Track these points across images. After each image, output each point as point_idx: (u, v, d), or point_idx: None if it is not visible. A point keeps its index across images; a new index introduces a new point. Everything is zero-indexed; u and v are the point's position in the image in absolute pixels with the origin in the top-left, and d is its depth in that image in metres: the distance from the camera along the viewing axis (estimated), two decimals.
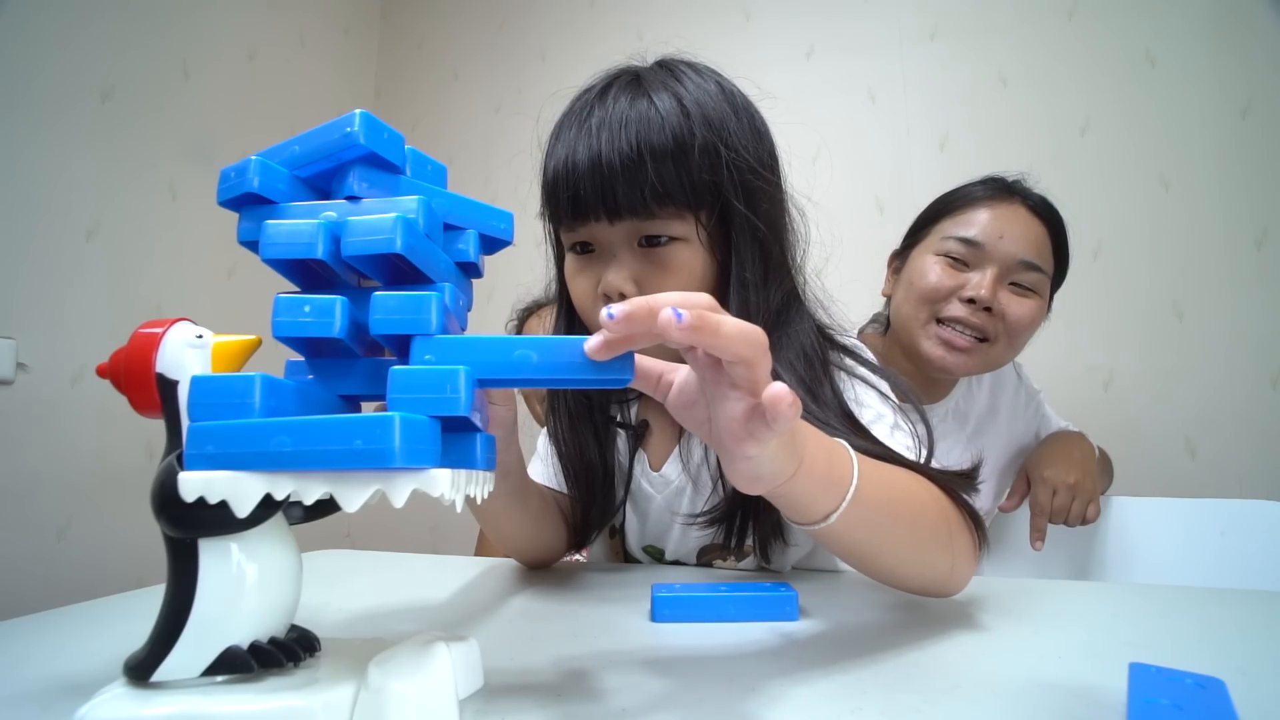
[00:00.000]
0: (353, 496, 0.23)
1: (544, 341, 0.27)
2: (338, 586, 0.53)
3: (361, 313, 0.27)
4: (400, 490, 0.23)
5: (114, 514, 1.12)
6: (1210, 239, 1.21)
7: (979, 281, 0.76)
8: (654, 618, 0.42)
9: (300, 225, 0.28)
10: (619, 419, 0.60)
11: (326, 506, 0.27)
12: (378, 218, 0.27)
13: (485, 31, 1.74)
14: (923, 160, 1.37)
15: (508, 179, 1.65)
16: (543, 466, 0.64)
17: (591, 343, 0.27)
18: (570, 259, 0.52)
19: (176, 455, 0.26)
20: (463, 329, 0.32)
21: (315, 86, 1.61)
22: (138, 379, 0.28)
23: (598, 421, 0.58)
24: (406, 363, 0.27)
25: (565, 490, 0.60)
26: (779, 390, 0.25)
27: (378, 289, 0.28)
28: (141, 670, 0.26)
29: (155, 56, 1.24)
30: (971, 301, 0.77)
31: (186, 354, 0.28)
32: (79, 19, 1.12)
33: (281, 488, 0.23)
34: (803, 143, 1.51)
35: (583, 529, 0.59)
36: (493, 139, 1.68)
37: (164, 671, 0.26)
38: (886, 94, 1.41)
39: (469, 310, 0.33)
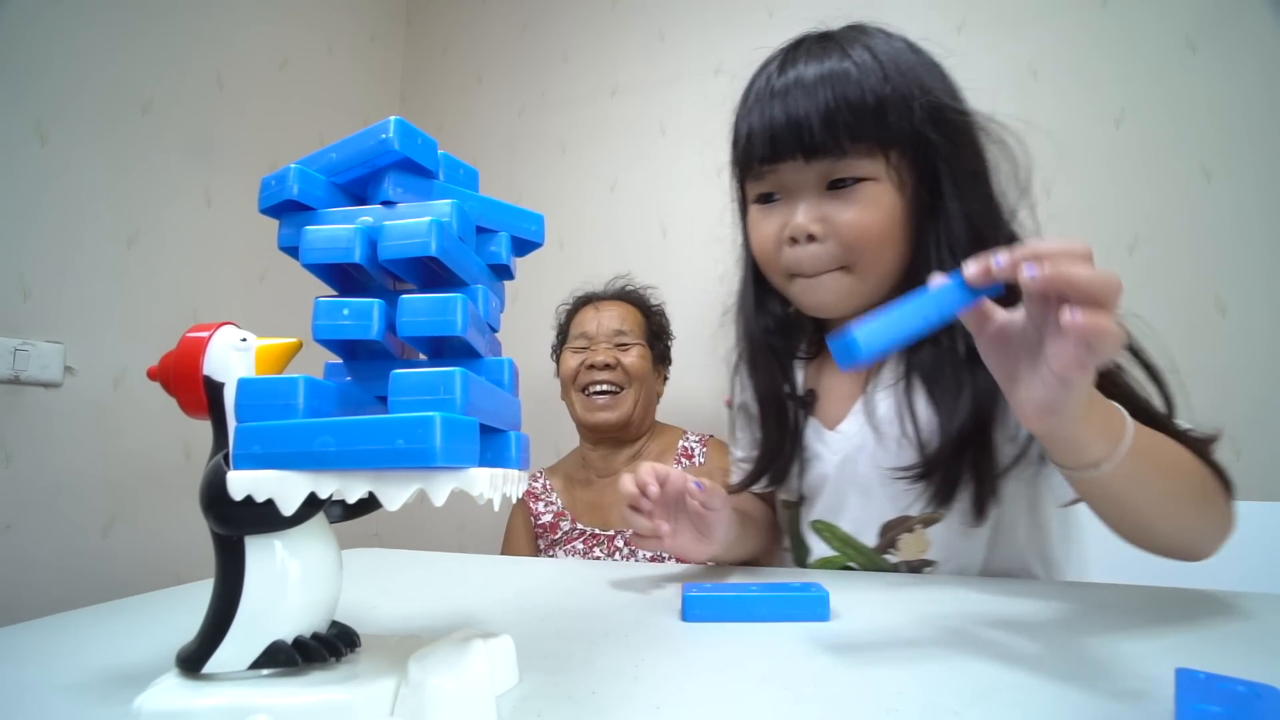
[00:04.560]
0: (394, 495, 0.24)
1: (939, 295, 0.34)
2: (372, 584, 0.54)
3: (395, 315, 0.28)
4: (440, 489, 0.24)
5: (154, 512, 1.15)
6: (1255, 230, 1.16)
7: None
8: (685, 617, 0.42)
9: (338, 231, 0.28)
10: (788, 393, 0.60)
11: (366, 505, 0.28)
12: (412, 222, 0.28)
13: (508, 35, 1.75)
14: None
15: (531, 180, 1.67)
16: (738, 473, 0.66)
17: (972, 271, 0.32)
18: (754, 210, 0.54)
19: (224, 455, 0.27)
20: (495, 330, 0.33)
21: (343, 92, 1.64)
22: (186, 381, 0.29)
23: (781, 359, 0.59)
24: (439, 364, 0.27)
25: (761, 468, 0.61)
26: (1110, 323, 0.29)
27: (412, 292, 0.29)
28: (192, 662, 0.27)
29: (191, 69, 1.28)
30: None
31: (232, 357, 0.29)
32: (121, 35, 1.16)
33: (325, 486, 0.24)
34: None
35: (770, 468, 0.60)
36: (516, 141, 1.70)
37: (214, 664, 0.27)
38: None
39: (501, 311, 0.34)
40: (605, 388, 1.07)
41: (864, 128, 0.48)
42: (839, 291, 0.52)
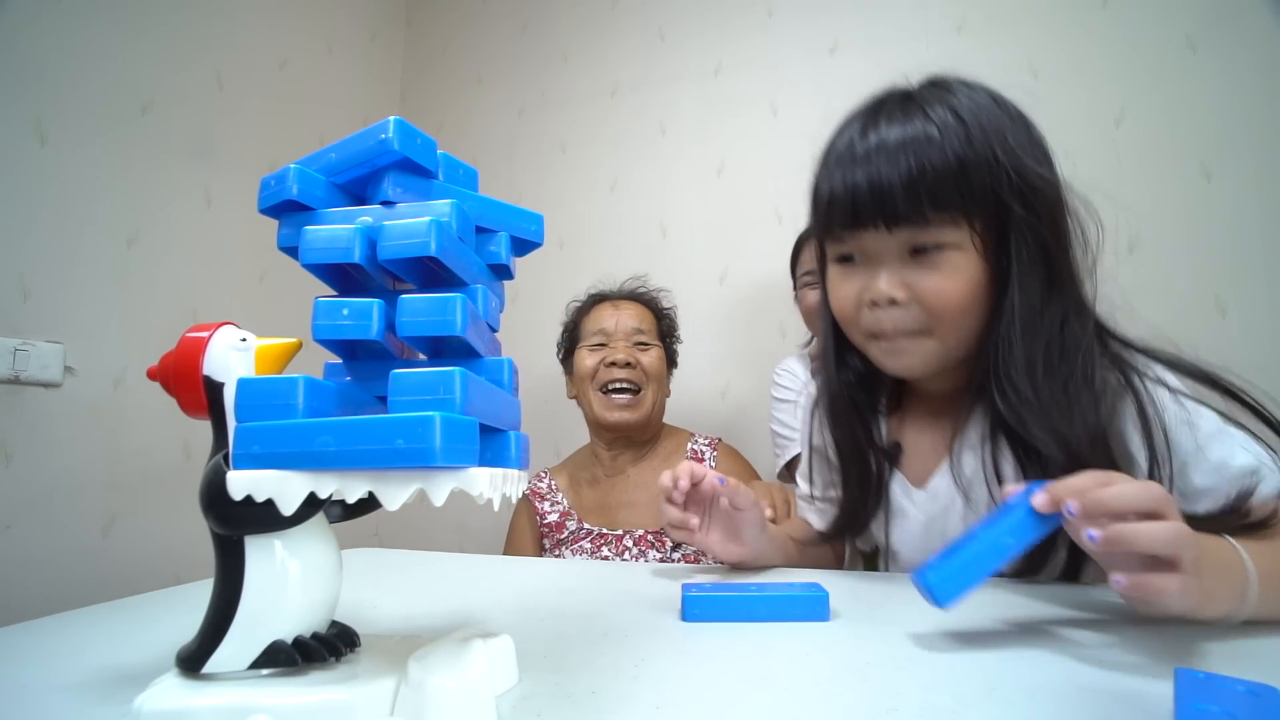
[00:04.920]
0: (394, 495, 0.24)
1: (1004, 522, 0.37)
2: (372, 585, 0.54)
3: (395, 315, 0.28)
4: (440, 489, 0.24)
5: (154, 512, 1.15)
6: (1255, 230, 1.16)
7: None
8: (684, 617, 0.42)
9: (338, 231, 0.28)
10: (873, 441, 0.60)
11: (365, 505, 0.28)
12: (412, 222, 0.28)
13: (508, 34, 1.75)
14: None
15: (531, 180, 1.67)
16: (812, 507, 0.66)
17: (1040, 501, 0.36)
18: (834, 269, 0.54)
19: (224, 455, 0.27)
20: (494, 330, 0.33)
21: (343, 93, 1.64)
22: (186, 381, 0.29)
23: (863, 412, 0.59)
24: (439, 364, 0.27)
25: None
26: (1170, 585, 0.32)
27: (411, 291, 0.29)
28: (192, 662, 0.27)
29: (191, 69, 1.28)
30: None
31: (231, 357, 0.29)
32: (121, 36, 1.16)
33: (325, 486, 0.24)
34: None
35: (852, 523, 0.60)
36: (516, 140, 1.70)
37: (214, 664, 0.27)
38: None
39: (501, 311, 0.34)
40: (625, 386, 1.07)
41: (947, 197, 0.47)
42: (921, 355, 0.52)
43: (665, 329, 1.17)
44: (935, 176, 0.46)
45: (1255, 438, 0.47)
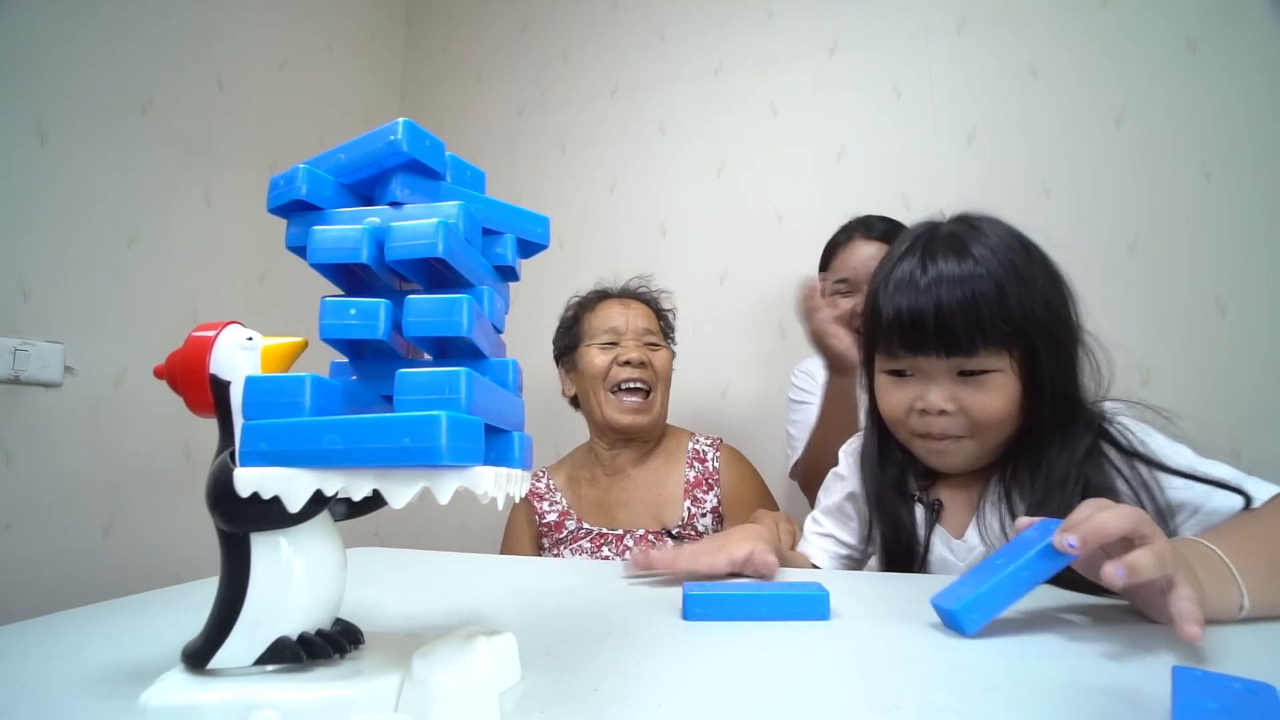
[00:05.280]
0: (400, 493, 0.24)
1: (1027, 558, 0.39)
2: (375, 583, 0.54)
3: (401, 315, 0.28)
4: (445, 487, 0.24)
5: (154, 512, 1.15)
6: (1255, 230, 1.17)
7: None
8: (685, 616, 0.42)
9: (346, 231, 0.29)
10: (917, 496, 0.65)
11: (370, 503, 0.28)
12: (420, 223, 0.28)
13: (508, 34, 1.75)
14: (950, 156, 1.35)
15: (531, 180, 1.67)
16: (823, 544, 0.70)
17: (1059, 540, 0.38)
18: (884, 379, 0.62)
19: (230, 452, 0.27)
20: (500, 331, 0.33)
21: (343, 92, 1.64)
22: (192, 380, 0.29)
23: (905, 494, 0.65)
24: (445, 364, 0.27)
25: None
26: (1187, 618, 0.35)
27: (417, 292, 0.29)
28: (198, 658, 0.27)
29: (192, 69, 1.28)
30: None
31: (238, 355, 0.29)
32: (121, 35, 1.16)
33: (331, 484, 0.24)
34: (827, 140, 1.49)
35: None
36: (516, 140, 1.70)
37: (219, 660, 0.27)
38: (912, 89, 1.38)
39: (506, 313, 0.34)
40: (638, 385, 1.06)
41: (996, 333, 0.55)
42: (961, 455, 0.60)
43: (665, 329, 1.17)
44: (988, 313, 0.55)
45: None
